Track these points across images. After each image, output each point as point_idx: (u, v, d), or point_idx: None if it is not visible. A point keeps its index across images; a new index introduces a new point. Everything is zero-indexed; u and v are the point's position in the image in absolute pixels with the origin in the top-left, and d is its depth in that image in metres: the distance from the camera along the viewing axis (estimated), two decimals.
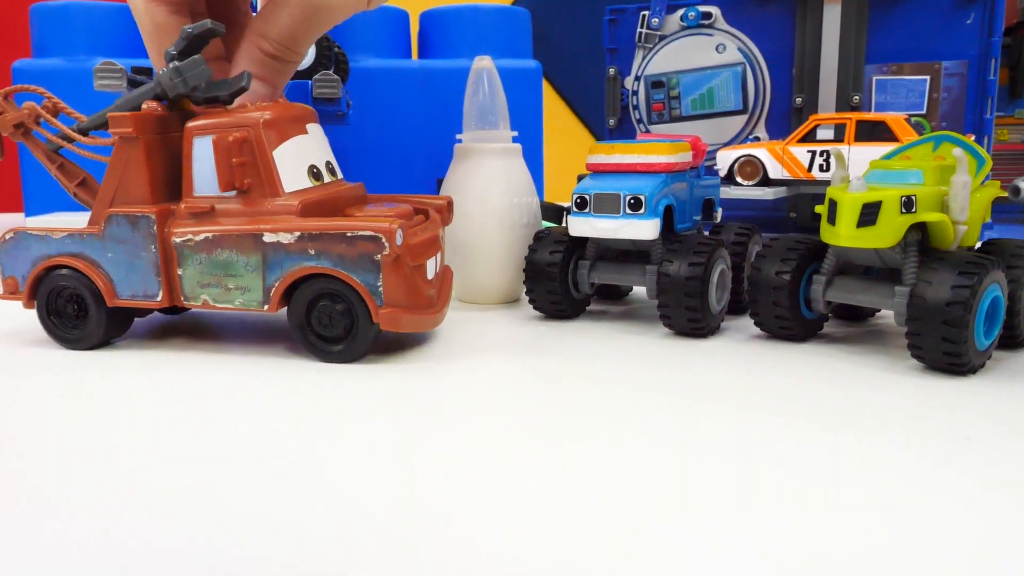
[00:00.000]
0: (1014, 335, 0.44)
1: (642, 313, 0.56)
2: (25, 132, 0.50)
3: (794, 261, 0.45)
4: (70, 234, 0.46)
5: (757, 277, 0.46)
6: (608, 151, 0.50)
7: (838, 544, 0.24)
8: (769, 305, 0.46)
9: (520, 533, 0.25)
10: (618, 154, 0.50)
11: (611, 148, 0.50)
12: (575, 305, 0.54)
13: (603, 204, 0.48)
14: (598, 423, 0.35)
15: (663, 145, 0.49)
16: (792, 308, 0.45)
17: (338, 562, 0.23)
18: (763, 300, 0.46)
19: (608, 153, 0.50)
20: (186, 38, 0.47)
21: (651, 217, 0.47)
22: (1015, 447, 0.31)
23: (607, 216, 0.48)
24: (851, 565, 0.23)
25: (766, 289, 0.46)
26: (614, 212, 0.48)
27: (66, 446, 0.32)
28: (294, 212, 0.43)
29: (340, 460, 0.31)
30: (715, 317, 0.49)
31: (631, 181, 0.49)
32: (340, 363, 0.43)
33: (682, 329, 0.48)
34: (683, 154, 0.50)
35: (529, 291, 0.53)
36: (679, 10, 0.93)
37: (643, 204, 0.47)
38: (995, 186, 0.46)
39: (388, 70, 0.95)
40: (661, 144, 0.49)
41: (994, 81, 0.81)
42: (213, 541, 0.25)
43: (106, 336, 0.47)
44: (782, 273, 0.45)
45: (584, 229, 0.49)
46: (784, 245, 0.46)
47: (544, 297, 0.52)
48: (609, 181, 0.49)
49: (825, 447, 0.31)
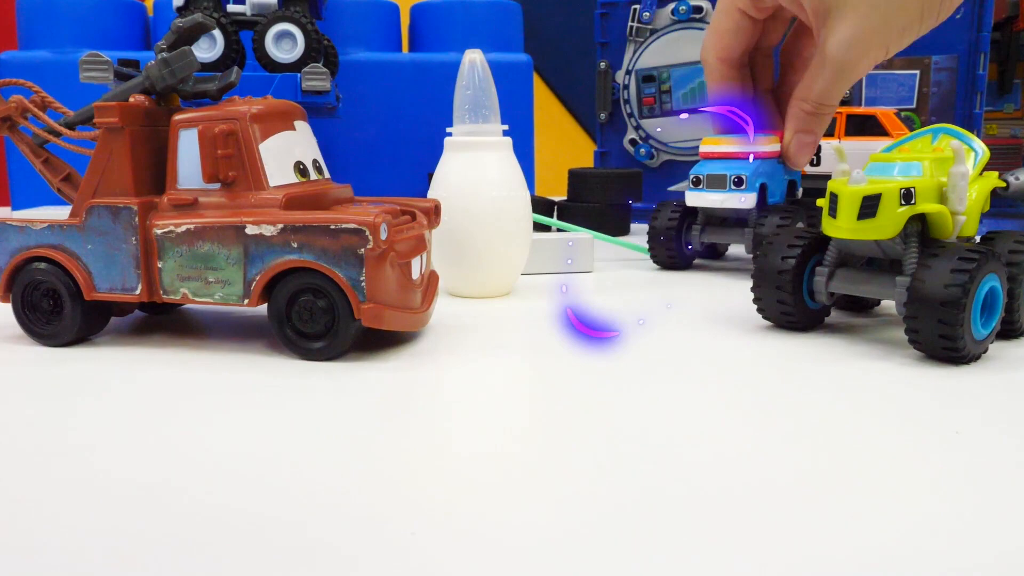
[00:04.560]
0: (1013, 325, 0.44)
1: (649, 305, 0.55)
2: (11, 126, 0.49)
3: (798, 252, 0.46)
4: (50, 225, 0.45)
5: (761, 267, 0.47)
6: (715, 143, 0.64)
7: (824, 533, 0.24)
8: (773, 295, 0.47)
9: (519, 534, 0.25)
10: (723, 145, 0.64)
11: (717, 141, 0.64)
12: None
13: (713, 182, 0.63)
14: (592, 415, 0.34)
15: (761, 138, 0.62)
16: (795, 299, 0.46)
17: (331, 560, 0.23)
18: (767, 290, 0.47)
19: (715, 144, 0.64)
20: (176, 31, 0.47)
21: (751, 191, 0.61)
22: (1004, 438, 0.31)
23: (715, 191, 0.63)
24: (837, 555, 0.23)
25: (770, 280, 0.46)
26: (720, 187, 0.63)
27: (29, 444, 0.32)
28: (278, 205, 0.43)
29: (316, 459, 0.30)
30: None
31: (729, 165, 0.63)
32: (320, 360, 0.43)
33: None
34: (774, 144, 0.62)
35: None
36: (670, 4, 0.93)
37: (743, 181, 0.62)
38: (993, 177, 0.46)
39: (378, 63, 0.94)
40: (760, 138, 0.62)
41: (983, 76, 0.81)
42: (190, 540, 0.24)
43: (80, 333, 0.46)
44: (785, 265, 0.46)
45: (698, 201, 0.64)
46: (787, 237, 0.47)
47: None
48: (716, 164, 0.64)
49: (816, 436, 0.31)
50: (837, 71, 0.55)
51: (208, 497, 0.27)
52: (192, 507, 0.26)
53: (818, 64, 0.56)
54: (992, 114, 0.93)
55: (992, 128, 0.93)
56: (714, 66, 0.62)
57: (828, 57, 0.55)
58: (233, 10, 0.74)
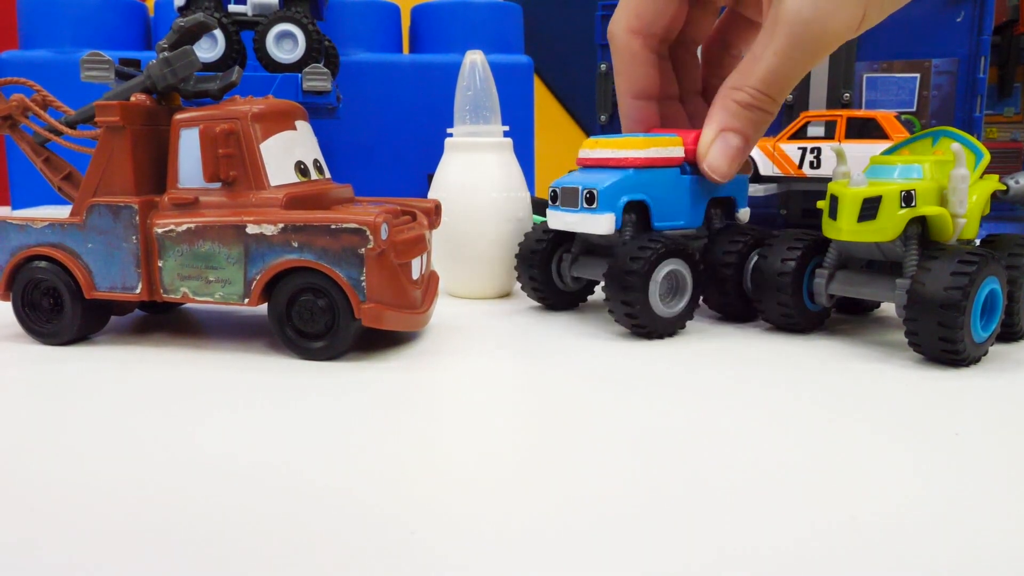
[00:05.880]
0: (1013, 328, 0.44)
1: None
2: (12, 125, 0.49)
3: (798, 254, 0.46)
4: (51, 224, 0.45)
5: (761, 269, 0.47)
6: (592, 146, 0.50)
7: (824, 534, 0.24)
8: (773, 297, 0.46)
9: (518, 533, 0.25)
10: (599, 149, 0.50)
11: (595, 143, 0.50)
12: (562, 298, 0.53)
13: (566, 198, 0.49)
14: (591, 417, 0.34)
15: (637, 140, 0.48)
16: (796, 301, 0.46)
17: (331, 560, 0.23)
18: (767, 292, 0.47)
19: (591, 148, 0.50)
20: (177, 31, 0.47)
21: (605, 211, 0.47)
22: (1003, 441, 0.31)
23: (568, 210, 0.49)
24: (837, 555, 0.23)
25: (770, 282, 0.46)
26: (572, 206, 0.49)
27: (28, 443, 0.32)
28: (279, 205, 0.43)
29: (316, 459, 0.30)
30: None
31: (595, 175, 0.48)
32: (320, 360, 0.43)
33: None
34: (666, 148, 0.48)
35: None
36: None
37: (595, 199, 0.47)
38: (993, 180, 0.46)
39: (379, 64, 0.94)
40: (635, 139, 0.48)
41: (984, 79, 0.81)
42: (190, 539, 0.24)
43: (81, 331, 0.46)
44: (785, 267, 0.46)
45: (556, 222, 0.50)
46: (788, 239, 0.47)
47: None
48: (580, 175, 0.49)
49: (815, 437, 0.31)
50: (794, 38, 0.41)
51: (208, 497, 0.27)
52: (191, 506, 0.26)
53: (766, 35, 0.42)
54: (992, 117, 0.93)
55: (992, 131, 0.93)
56: (623, 41, 0.48)
57: (783, 19, 0.41)
58: (234, 10, 0.74)
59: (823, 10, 0.40)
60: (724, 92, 0.44)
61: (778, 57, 0.41)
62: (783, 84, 0.42)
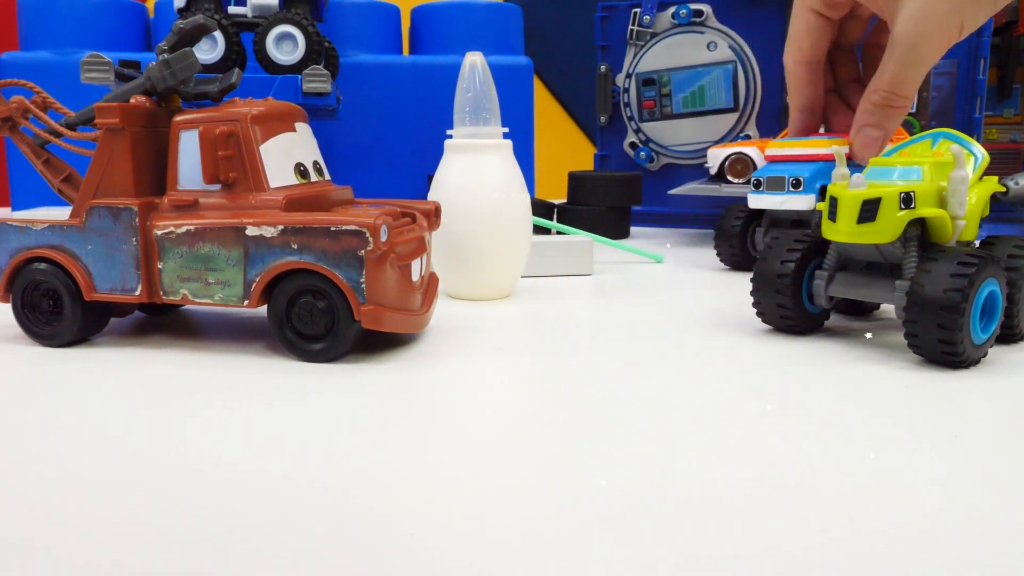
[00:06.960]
0: (1012, 330, 0.44)
1: (648, 309, 0.55)
2: (12, 127, 0.49)
3: (797, 256, 0.46)
4: (50, 226, 0.45)
5: (761, 271, 0.47)
6: (779, 146, 0.64)
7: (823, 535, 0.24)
8: (772, 299, 0.47)
9: (518, 534, 0.25)
10: (787, 148, 0.63)
11: (782, 144, 0.64)
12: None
13: (772, 184, 0.63)
14: (589, 418, 0.34)
15: (819, 141, 0.60)
16: (795, 302, 0.46)
17: (330, 560, 0.23)
18: (767, 294, 0.47)
19: (780, 147, 0.64)
20: (177, 32, 0.47)
21: (808, 193, 0.61)
22: (1003, 443, 0.31)
23: (775, 193, 0.63)
24: (837, 556, 0.23)
25: (770, 283, 0.46)
26: (779, 190, 0.63)
27: (28, 444, 0.32)
28: (278, 207, 0.43)
29: (315, 461, 0.30)
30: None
31: (791, 168, 0.63)
32: (320, 362, 0.43)
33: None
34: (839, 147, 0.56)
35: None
36: (671, 8, 0.93)
37: (801, 183, 0.61)
38: (993, 181, 0.46)
39: (379, 65, 0.94)
40: (817, 140, 0.60)
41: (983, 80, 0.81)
42: (189, 540, 0.24)
43: (80, 333, 0.46)
44: (785, 269, 0.46)
45: (758, 203, 0.64)
46: (787, 241, 0.47)
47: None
48: (778, 167, 0.64)
49: (815, 439, 0.31)
50: (906, 52, 0.51)
51: (207, 498, 0.27)
52: (190, 508, 0.26)
53: (888, 50, 0.53)
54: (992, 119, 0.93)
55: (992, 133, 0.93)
56: (791, 70, 0.62)
57: (896, 38, 0.51)
58: (234, 12, 0.74)
59: (926, 28, 0.50)
60: (864, 96, 0.56)
61: (897, 66, 0.51)
62: (907, 86, 0.52)
